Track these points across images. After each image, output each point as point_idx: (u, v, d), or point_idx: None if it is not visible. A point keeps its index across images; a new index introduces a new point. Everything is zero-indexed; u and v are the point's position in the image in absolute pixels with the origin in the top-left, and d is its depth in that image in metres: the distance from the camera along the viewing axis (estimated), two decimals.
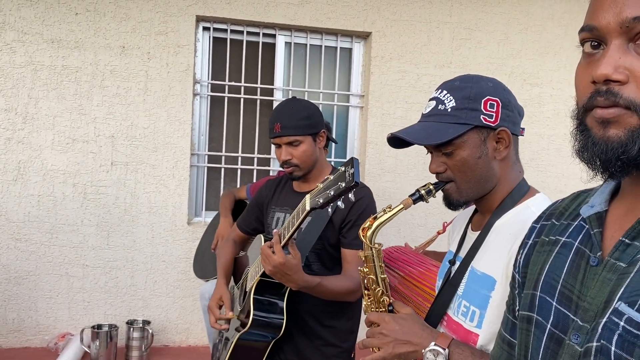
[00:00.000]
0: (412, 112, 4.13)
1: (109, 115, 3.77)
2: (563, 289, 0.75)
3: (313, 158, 1.94)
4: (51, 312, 3.78)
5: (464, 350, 1.11)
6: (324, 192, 1.49)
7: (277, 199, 2.07)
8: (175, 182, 3.86)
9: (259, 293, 1.82)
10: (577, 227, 0.79)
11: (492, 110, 1.18)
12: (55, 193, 3.73)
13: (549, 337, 0.75)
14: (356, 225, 1.87)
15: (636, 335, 0.61)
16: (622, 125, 0.64)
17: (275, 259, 1.63)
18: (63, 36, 3.69)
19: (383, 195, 4.10)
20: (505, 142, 1.20)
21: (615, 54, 0.64)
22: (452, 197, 1.23)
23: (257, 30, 4.05)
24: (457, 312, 1.23)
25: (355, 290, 1.85)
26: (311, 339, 1.92)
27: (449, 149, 1.18)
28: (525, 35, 4.26)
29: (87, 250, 3.79)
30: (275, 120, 1.90)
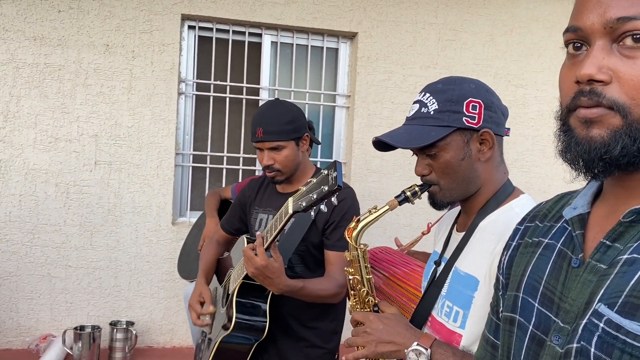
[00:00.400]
0: (398, 112, 4.14)
1: (92, 114, 3.72)
2: (545, 291, 0.75)
3: (296, 162, 1.92)
4: (33, 314, 3.72)
5: (446, 351, 1.12)
6: (306, 195, 1.48)
7: (260, 200, 2.05)
8: (160, 182, 3.83)
9: (242, 295, 1.80)
10: (560, 228, 0.79)
11: (475, 112, 1.18)
12: (37, 193, 3.68)
13: (530, 339, 0.75)
14: (339, 227, 1.87)
15: (615, 336, 0.61)
16: (605, 125, 0.64)
17: (257, 262, 1.61)
18: (46, 33, 3.64)
19: (369, 195, 4.11)
20: (488, 143, 1.20)
21: (599, 55, 0.65)
22: (436, 198, 1.24)
23: (243, 30, 4.03)
24: (440, 313, 1.24)
25: (339, 292, 1.85)
26: (294, 340, 1.91)
27: (432, 151, 1.19)
28: (510, 36, 4.30)
29: (69, 251, 3.74)
30: (258, 125, 1.86)
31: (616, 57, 0.64)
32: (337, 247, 1.86)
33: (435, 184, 1.23)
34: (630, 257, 0.65)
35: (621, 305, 0.62)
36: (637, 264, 0.63)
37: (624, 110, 0.63)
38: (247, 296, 1.80)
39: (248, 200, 2.09)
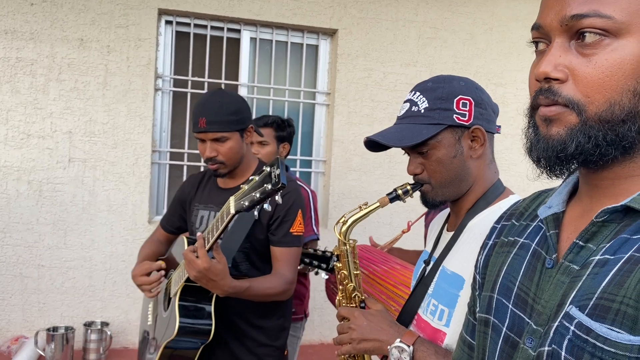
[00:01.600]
0: (378, 110, 4.13)
1: (66, 110, 3.64)
2: (519, 292, 0.74)
3: (240, 155, 1.85)
4: (4, 315, 3.62)
5: (428, 348, 1.13)
6: (249, 194, 1.43)
7: (201, 196, 1.97)
8: (136, 180, 3.76)
9: (184, 299, 1.72)
10: (535, 228, 0.78)
11: (465, 109, 1.18)
12: (8, 190, 3.58)
13: (504, 341, 0.74)
14: (284, 222, 1.82)
15: (585, 340, 0.60)
16: (563, 123, 0.65)
17: (199, 264, 1.55)
18: (17, 27, 3.54)
19: (349, 193, 4.09)
20: (480, 140, 1.20)
21: (556, 53, 0.65)
22: (428, 197, 1.24)
23: (222, 25, 3.97)
24: (426, 311, 1.24)
25: (287, 289, 1.81)
26: (242, 340, 1.86)
27: (424, 149, 1.19)
28: (490, 35, 4.31)
29: (42, 250, 3.65)
30: (201, 114, 1.77)
31: (573, 55, 0.64)
32: (283, 243, 1.82)
33: (427, 182, 1.22)
34: (602, 258, 0.64)
35: (592, 308, 0.61)
36: (609, 265, 0.62)
37: (578, 107, 0.63)
38: (190, 299, 1.72)
39: (188, 196, 2.01)
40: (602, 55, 0.62)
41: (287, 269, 1.81)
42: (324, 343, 4.09)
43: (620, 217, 0.65)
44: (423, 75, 4.18)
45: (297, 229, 1.84)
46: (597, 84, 0.63)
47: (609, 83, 0.62)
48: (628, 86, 0.62)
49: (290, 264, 1.83)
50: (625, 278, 0.59)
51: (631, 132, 0.63)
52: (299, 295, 2.78)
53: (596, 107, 0.63)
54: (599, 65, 0.63)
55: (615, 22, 0.61)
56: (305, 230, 2.69)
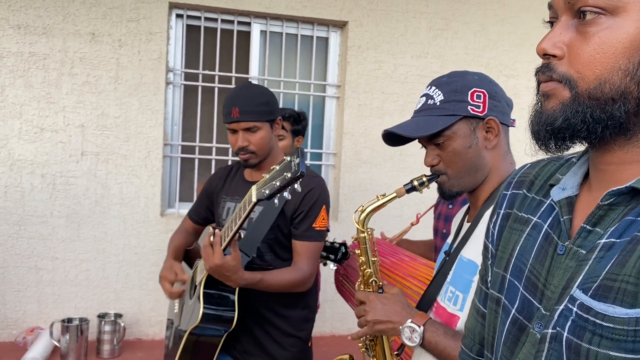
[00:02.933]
0: (389, 102, 4.11)
1: (78, 104, 3.67)
2: (530, 275, 0.74)
3: (270, 145, 1.89)
4: (20, 306, 3.68)
5: (437, 329, 1.20)
6: (269, 182, 1.46)
7: (228, 188, 2.01)
8: (148, 173, 3.79)
9: (209, 286, 1.76)
10: (548, 207, 0.77)
11: (479, 101, 1.22)
12: (23, 184, 3.63)
13: (512, 323, 0.74)
14: (307, 217, 1.84)
15: (585, 319, 0.61)
16: (557, 98, 0.66)
17: (212, 260, 1.61)
18: (30, 22, 3.57)
19: (359, 186, 4.09)
20: (494, 130, 1.24)
21: (558, 30, 0.66)
22: (445, 188, 1.27)
23: (232, 18, 3.98)
24: (444, 298, 1.29)
25: (304, 282, 1.84)
26: (267, 329, 1.90)
27: (440, 140, 1.23)
28: (501, 26, 4.27)
29: (56, 243, 3.70)
30: (233, 105, 1.82)
31: (572, 33, 0.65)
32: (305, 237, 1.85)
33: (444, 173, 1.26)
34: (608, 241, 0.64)
35: (595, 289, 0.61)
36: (615, 248, 0.62)
37: (570, 83, 0.65)
38: (214, 287, 1.76)
39: (215, 189, 2.05)
40: (597, 33, 0.63)
41: (306, 262, 1.84)
42: (335, 335, 4.11)
43: (627, 200, 0.65)
44: (434, 66, 4.16)
45: (320, 224, 1.87)
46: (588, 60, 0.64)
47: (600, 60, 0.63)
48: (619, 64, 0.62)
49: (310, 258, 1.86)
50: (628, 258, 0.60)
51: (620, 112, 0.63)
52: None
53: (586, 84, 0.64)
54: (592, 41, 0.63)
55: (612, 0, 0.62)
56: None
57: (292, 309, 1.92)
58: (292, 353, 1.91)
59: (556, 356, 0.64)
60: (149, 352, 3.66)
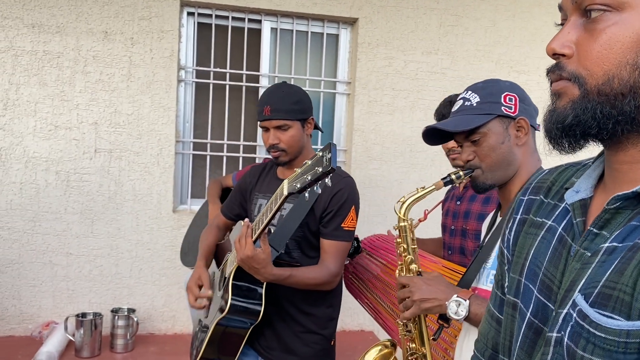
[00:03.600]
0: (399, 99, 4.12)
1: (91, 101, 3.71)
2: (544, 278, 0.74)
3: (300, 144, 1.92)
4: (35, 301, 3.74)
5: (482, 302, 1.30)
6: (301, 177, 1.49)
7: (261, 186, 2.05)
8: (160, 170, 3.83)
9: (238, 279, 1.80)
10: (562, 211, 0.77)
11: (511, 103, 1.38)
12: (37, 180, 3.68)
13: (528, 326, 0.74)
14: (337, 216, 1.86)
15: (582, 326, 0.61)
16: (567, 96, 0.67)
17: (243, 252, 1.64)
18: (44, 21, 3.62)
19: (370, 183, 4.10)
20: (524, 129, 1.38)
21: (567, 30, 0.68)
22: (478, 181, 1.40)
23: (243, 16, 4.00)
24: (486, 282, 1.39)
25: (331, 280, 1.86)
26: (291, 325, 1.92)
27: (476, 137, 1.38)
28: (512, 22, 4.25)
29: (70, 239, 3.75)
30: (266, 103, 1.87)
31: (581, 32, 0.66)
32: (333, 236, 1.87)
33: (479, 167, 1.39)
34: (611, 245, 0.64)
35: (595, 296, 0.61)
36: (616, 253, 0.62)
37: (579, 80, 0.65)
38: (243, 280, 1.80)
39: (249, 186, 2.09)
40: (603, 29, 0.63)
41: (333, 262, 1.86)
42: (345, 330, 4.13)
43: (635, 204, 0.65)
44: (444, 63, 4.15)
45: (349, 224, 1.89)
46: (596, 57, 0.64)
47: (607, 56, 0.63)
48: (627, 59, 0.62)
49: (337, 257, 1.88)
50: (626, 266, 0.60)
51: (630, 107, 0.63)
52: None
53: (595, 80, 0.64)
54: (599, 38, 0.64)
55: None
56: None
57: (316, 307, 1.94)
58: (314, 350, 1.93)
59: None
60: (162, 347, 3.71)
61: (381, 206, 4.06)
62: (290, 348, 1.92)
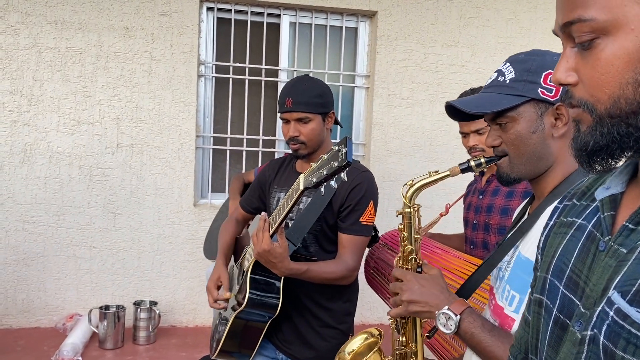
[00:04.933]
0: (419, 92, 4.09)
1: (113, 97, 3.76)
2: (571, 274, 0.73)
3: (320, 138, 1.92)
4: (59, 293, 3.82)
5: (475, 320, 1.13)
6: (317, 171, 1.48)
7: (280, 179, 2.06)
8: (181, 164, 3.86)
9: (256, 272, 1.81)
10: (594, 209, 0.77)
11: (553, 85, 1.12)
12: (61, 175, 3.75)
13: (554, 322, 0.74)
14: (354, 211, 1.86)
15: (621, 325, 0.60)
16: (585, 122, 0.68)
17: (260, 246, 1.64)
18: (67, 17, 3.67)
19: (389, 177, 4.09)
20: (564, 118, 1.14)
21: (565, 58, 0.69)
22: (503, 171, 1.19)
23: (262, 10, 4.00)
24: (502, 297, 1.22)
25: (348, 275, 1.86)
26: (308, 319, 1.93)
27: (503, 120, 1.15)
28: (534, 13, 4.19)
29: (93, 232, 3.81)
30: (288, 95, 1.87)
31: (579, 59, 0.67)
32: (351, 231, 1.86)
33: (506, 154, 1.18)
34: None
35: (633, 294, 0.60)
36: None
37: (588, 108, 0.66)
38: (261, 273, 1.81)
39: (268, 179, 2.10)
40: (596, 55, 0.64)
41: (351, 256, 1.86)
42: (364, 324, 4.14)
43: None
44: (465, 55, 4.12)
45: (368, 219, 1.88)
46: (596, 84, 0.65)
47: (606, 80, 0.64)
48: (627, 79, 0.63)
49: (355, 251, 1.87)
50: None
51: None
52: None
53: (603, 105, 0.65)
54: (595, 65, 0.65)
55: (599, 22, 0.63)
56: None
57: (334, 302, 1.95)
58: (332, 345, 1.93)
59: (594, 359, 0.63)
60: (183, 339, 3.76)
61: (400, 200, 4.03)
62: (308, 342, 1.93)
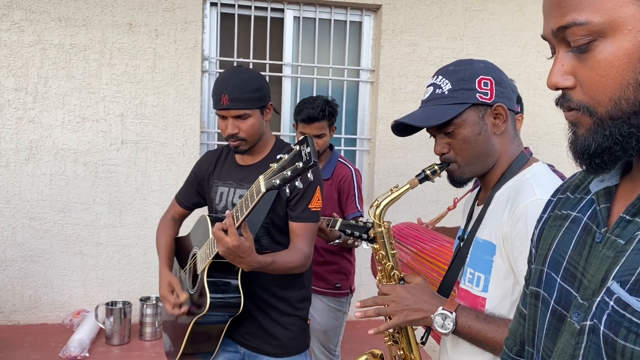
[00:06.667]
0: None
1: (117, 93, 3.76)
2: (568, 266, 0.74)
3: (260, 132, 1.89)
4: (66, 290, 3.83)
5: (469, 314, 1.22)
6: (279, 172, 1.46)
7: (220, 173, 2.01)
8: (186, 160, 3.86)
9: (212, 275, 1.78)
10: (588, 201, 0.78)
11: (487, 88, 1.25)
12: (67, 172, 3.75)
13: (552, 314, 0.75)
14: (303, 198, 1.85)
15: (622, 315, 0.61)
16: (583, 125, 0.68)
17: (228, 242, 1.60)
18: (70, 14, 3.66)
19: (394, 171, 4.08)
20: (502, 117, 1.27)
21: (560, 62, 0.69)
22: (455, 175, 1.31)
23: (265, 5, 3.99)
24: (464, 280, 1.32)
25: (306, 263, 1.87)
26: (267, 311, 1.93)
27: (450, 129, 1.26)
28: (539, 5, 4.14)
29: (99, 229, 3.82)
30: (223, 91, 1.81)
31: (574, 61, 0.67)
32: (302, 218, 1.86)
33: (454, 161, 1.30)
34: None
35: (633, 283, 0.61)
36: None
37: (588, 110, 0.66)
38: (217, 275, 1.78)
39: (206, 173, 2.05)
40: (594, 57, 0.64)
41: (305, 243, 1.87)
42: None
43: None
44: (470, 49, 4.09)
45: (316, 205, 1.89)
46: (596, 86, 0.64)
47: (607, 82, 0.63)
48: (627, 80, 0.62)
49: (308, 238, 1.88)
50: None
51: None
52: (345, 271, 2.82)
53: (604, 107, 0.64)
54: (593, 67, 0.64)
55: (594, 25, 0.62)
56: (349, 208, 2.73)
57: (289, 290, 1.95)
58: (293, 332, 1.96)
59: (595, 349, 0.64)
60: None
61: (405, 195, 4.02)
62: (270, 333, 1.93)
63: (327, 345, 2.85)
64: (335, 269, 2.79)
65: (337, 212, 2.63)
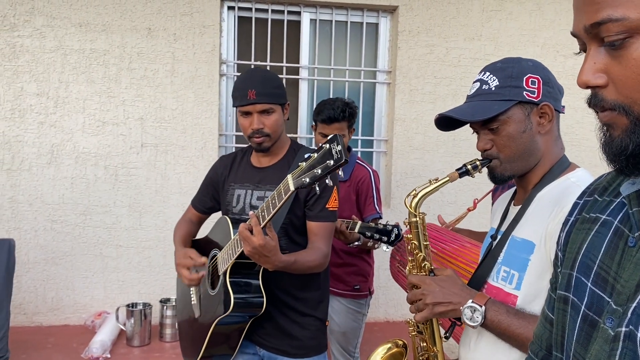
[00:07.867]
0: (441, 87, 4.05)
1: (137, 97, 3.80)
2: (599, 270, 0.72)
3: (282, 129, 1.91)
4: (88, 291, 3.88)
5: (499, 308, 1.21)
6: (309, 171, 1.46)
7: (235, 176, 2.02)
8: (205, 163, 3.89)
9: (234, 276, 1.79)
10: (618, 204, 0.76)
11: (534, 87, 1.25)
12: (87, 175, 3.81)
13: (583, 319, 0.73)
14: (321, 198, 1.86)
15: None
16: (618, 126, 0.65)
17: (254, 241, 1.61)
18: (91, 20, 3.72)
19: (412, 172, 4.07)
20: (548, 116, 1.26)
21: (591, 60, 0.66)
22: (496, 172, 1.30)
23: (282, 8, 4.01)
24: (496, 278, 1.30)
25: (324, 262, 1.87)
26: (285, 312, 1.94)
27: (494, 125, 1.26)
28: (558, 4, 4.12)
29: (120, 231, 3.87)
30: (249, 87, 1.83)
31: (607, 59, 0.64)
32: (320, 218, 1.87)
33: (496, 157, 1.29)
34: None
35: None
36: None
37: (624, 109, 0.64)
38: (239, 276, 1.80)
39: (221, 177, 2.06)
40: (630, 55, 0.62)
41: (323, 243, 1.88)
42: (389, 321, 4.12)
43: None
44: (487, 49, 4.06)
45: (333, 204, 1.90)
46: (632, 85, 0.62)
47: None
48: None
49: (326, 238, 1.89)
50: None
51: None
52: (364, 273, 2.82)
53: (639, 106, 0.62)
54: (629, 65, 0.62)
55: (631, 21, 0.60)
56: (368, 209, 2.72)
57: (306, 291, 1.96)
58: (311, 332, 1.96)
59: (631, 356, 0.62)
60: None
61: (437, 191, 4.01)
62: (290, 333, 1.94)
63: (346, 347, 2.85)
64: (354, 270, 2.78)
65: (356, 214, 2.63)
